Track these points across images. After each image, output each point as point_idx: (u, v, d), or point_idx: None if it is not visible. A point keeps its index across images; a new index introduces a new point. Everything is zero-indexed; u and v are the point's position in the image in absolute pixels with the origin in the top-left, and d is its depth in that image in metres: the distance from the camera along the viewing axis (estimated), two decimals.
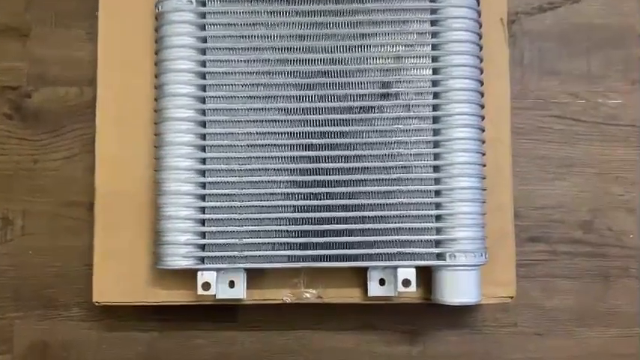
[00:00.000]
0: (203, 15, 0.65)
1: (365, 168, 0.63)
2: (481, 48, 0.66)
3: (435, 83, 0.64)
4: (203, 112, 0.65)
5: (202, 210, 0.64)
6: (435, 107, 0.64)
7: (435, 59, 0.64)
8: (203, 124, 0.64)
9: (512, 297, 0.68)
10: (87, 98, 0.78)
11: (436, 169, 0.64)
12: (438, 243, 0.63)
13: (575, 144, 0.77)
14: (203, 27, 0.65)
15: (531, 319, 0.75)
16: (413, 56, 0.64)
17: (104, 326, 0.75)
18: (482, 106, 0.65)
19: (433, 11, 0.65)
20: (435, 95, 0.64)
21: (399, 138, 0.63)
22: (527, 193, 0.76)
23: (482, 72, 0.66)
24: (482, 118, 0.65)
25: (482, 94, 0.65)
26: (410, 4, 0.65)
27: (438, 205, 0.63)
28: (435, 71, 0.64)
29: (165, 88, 0.64)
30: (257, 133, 0.64)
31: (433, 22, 0.65)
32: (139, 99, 0.69)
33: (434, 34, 0.65)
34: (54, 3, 0.80)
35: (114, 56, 0.71)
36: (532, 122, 0.77)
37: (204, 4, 0.66)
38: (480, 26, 0.66)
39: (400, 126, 0.64)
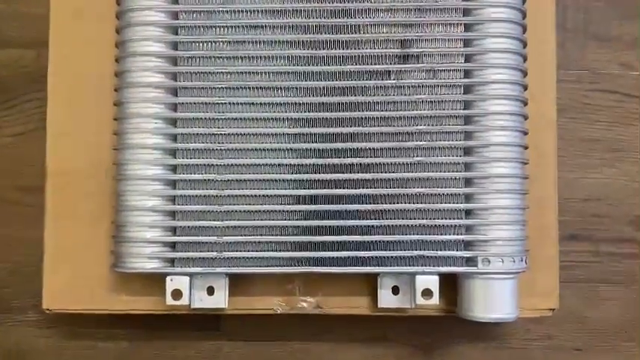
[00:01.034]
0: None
1: (377, 149, 0.51)
2: (524, 0, 0.53)
3: (466, 43, 0.51)
4: (174, 76, 0.52)
5: (173, 199, 0.52)
6: (467, 73, 0.51)
7: (466, 12, 0.52)
8: (174, 92, 0.52)
9: (553, 309, 0.56)
10: (46, 63, 0.66)
11: (467, 151, 0.51)
12: (467, 244, 0.51)
13: (627, 124, 0.67)
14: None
15: (569, 332, 0.66)
16: (439, 8, 0.51)
17: (65, 334, 0.66)
18: (525, 73, 0.52)
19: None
20: (467, 58, 0.51)
21: (421, 111, 0.51)
22: (568, 182, 0.66)
23: (525, 30, 0.53)
24: (525, 87, 0.52)
25: (524, 58, 0.52)
26: None
27: (468, 197, 0.51)
28: (467, 28, 0.52)
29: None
30: (241, 103, 0.51)
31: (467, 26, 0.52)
32: (99, 61, 0.57)
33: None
34: None
35: (68, 11, 0.58)
36: (575, 98, 0.68)
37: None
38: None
39: (423, 96, 0.51)
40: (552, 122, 0.58)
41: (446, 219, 0.51)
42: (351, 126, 0.51)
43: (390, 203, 0.51)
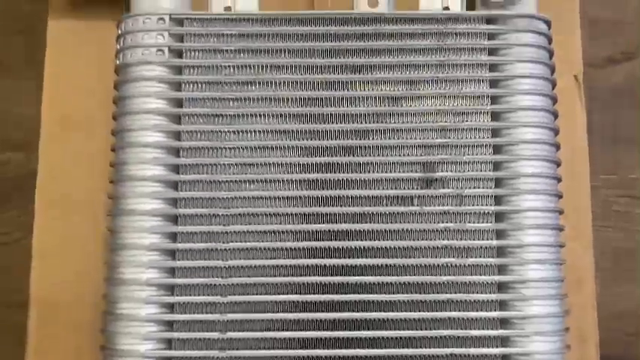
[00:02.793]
0: (179, 70, 0.48)
1: (400, 284, 0.45)
2: (556, 116, 0.49)
3: (496, 166, 0.47)
4: (174, 203, 0.47)
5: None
6: (498, 199, 0.46)
7: (496, 133, 0.47)
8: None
9: None
10: (34, 167, 0.60)
11: (500, 286, 0.45)
12: None
13: None
14: (178, 86, 0.48)
15: None
16: (465, 128, 0.47)
17: None
18: (560, 196, 0.48)
19: (492, 67, 0.48)
20: (498, 182, 0.47)
21: (448, 242, 0.46)
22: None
23: (558, 148, 0.48)
24: (561, 212, 0.47)
25: (559, 180, 0.48)
26: (461, 59, 0.48)
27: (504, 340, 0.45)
28: (497, 149, 0.47)
29: (126, 169, 0.47)
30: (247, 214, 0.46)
31: (493, 83, 0.48)
32: (88, 176, 0.52)
33: (493, 99, 0.48)
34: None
35: (59, 118, 0.53)
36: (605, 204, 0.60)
37: (180, 55, 0.48)
38: (554, 86, 0.49)
39: (450, 224, 0.46)
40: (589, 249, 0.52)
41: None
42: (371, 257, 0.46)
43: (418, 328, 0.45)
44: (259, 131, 0.47)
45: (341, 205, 0.46)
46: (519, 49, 0.48)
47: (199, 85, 0.48)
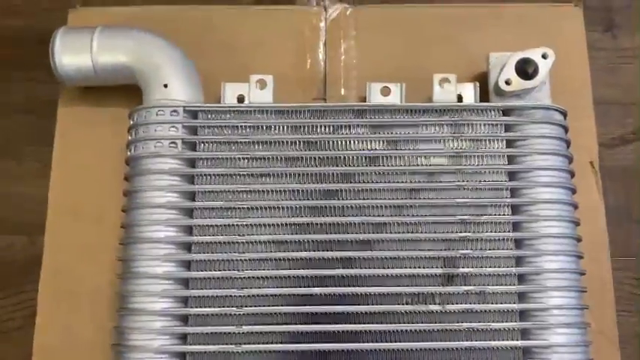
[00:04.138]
0: (192, 163, 0.47)
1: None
2: (576, 207, 0.48)
3: (519, 261, 0.45)
4: (185, 301, 0.45)
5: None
6: (522, 296, 0.45)
7: (516, 227, 0.46)
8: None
9: None
10: (39, 251, 0.58)
11: None
12: None
13: None
14: (191, 179, 0.47)
15: None
16: (486, 222, 0.46)
17: None
18: (584, 290, 0.46)
19: (510, 159, 0.47)
20: (521, 278, 0.45)
21: (472, 342, 0.44)
22: None
23: (579, 240, 0.47)
24: (586, 307, 0.46)
25: (581, 274, 0.46)
26: (479, 150, 0.47)
27: None
28: (519, 244, 0.46)
29: (136, 265, 0.45)
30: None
31: (511, 175, 0.47)
32: (96, 269, 0.50)
33: (513, 191, 0.47)
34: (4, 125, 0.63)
35: (67, 207, 0.52)
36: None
37: (193, 148, 0.48)
38: (572, 176, 0.48)
39: (474, 324, 0.44)
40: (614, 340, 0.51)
41: None
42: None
43: None
44: (274, 224, 0.46)
45: (358, 304, 0.45)
46: (537, 141, 0.47)
47: (212, 178, 0.47)
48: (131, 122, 0.49)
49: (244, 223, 0.46)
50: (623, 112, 0.63)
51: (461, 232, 0.46)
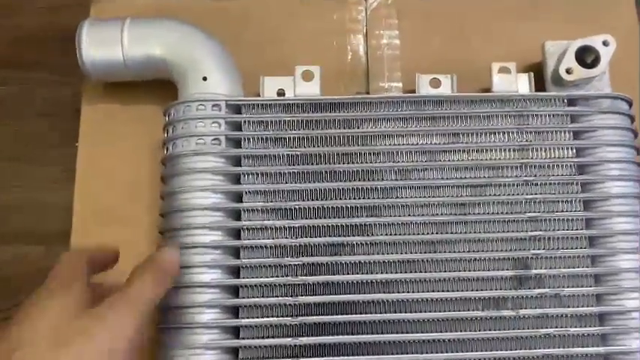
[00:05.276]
0: (237, 161, 0.44)
1: None
2: None
3: (594, 260, 0.42)
4: (235, 312, 0.41)
5: None
6: (600, 298, 0.41)
7: (589, 224, 0.43)
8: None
9: None
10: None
11: None
12: None
13: None
14: (237, 179, 0.43)
15: None
16: (558, 218, 0.43)
17: None
18: None
19: (578, 151, 0.44)
20: (597, 279, 0.42)
21: (549, 350, 0.40)
22: None
23: None
24: None
25: None
26: (546, 142, 0.44)
27: None
28: (593, 241, 0.42)
29: (181, 273, 0.41)
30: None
31: (581, 168, 0.44)
32: None
33: (582, 186, 0.43)
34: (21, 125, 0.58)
35: (93, 211, 0.48)
36: None
37: (238, 144, 0.44)
38: None
39: (550, 330, 0.41)
40: None
41: None
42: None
43: None
44: (329, 225, 0.42)
45: (423, 311, 0.41)
46: (606, 132, 0.44)
47: (260, 177, 0.43)
48: (167, 118, 0.45)
49: (296, 225, 0.42)
50: None
51: (531, 230, 0.42)
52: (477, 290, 0.41)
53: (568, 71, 0.47)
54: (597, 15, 0.53)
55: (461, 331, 0.41)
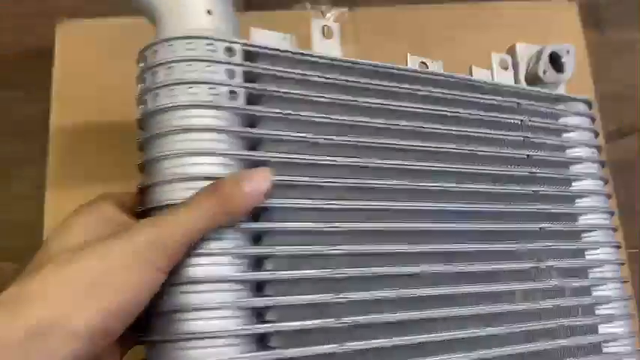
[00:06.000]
0: (250, 123, 0.34)
1: None
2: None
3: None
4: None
5: None
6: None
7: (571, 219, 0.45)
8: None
9: None
10: None
11: None
12: None
13: None
14: (251, 144, 0.34)
15: None
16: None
17: None
18: None
19: (562, 149, 0.46)
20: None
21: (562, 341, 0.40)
22: None
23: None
24: None
25: None
26: (546, 138, 0.45)
27: None
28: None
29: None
30: None
31: (564, 164, 0.46)
32: None
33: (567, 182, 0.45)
34: None
35: None
36: None
37: (253, 102, 0.35)
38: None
39: (564, 320, 0.41)
40: None
41: None
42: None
43: None
44: (366, 208, 0.36)
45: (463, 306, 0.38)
46: (585, 132, 0.47)
47: (280, 144, 0.35)
48: (155, 58, 0.33)
49: (330, 206, 0.35)
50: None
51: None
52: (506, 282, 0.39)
53: (545, 72, 0.49)
54: (545, 27, 0.57)
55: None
